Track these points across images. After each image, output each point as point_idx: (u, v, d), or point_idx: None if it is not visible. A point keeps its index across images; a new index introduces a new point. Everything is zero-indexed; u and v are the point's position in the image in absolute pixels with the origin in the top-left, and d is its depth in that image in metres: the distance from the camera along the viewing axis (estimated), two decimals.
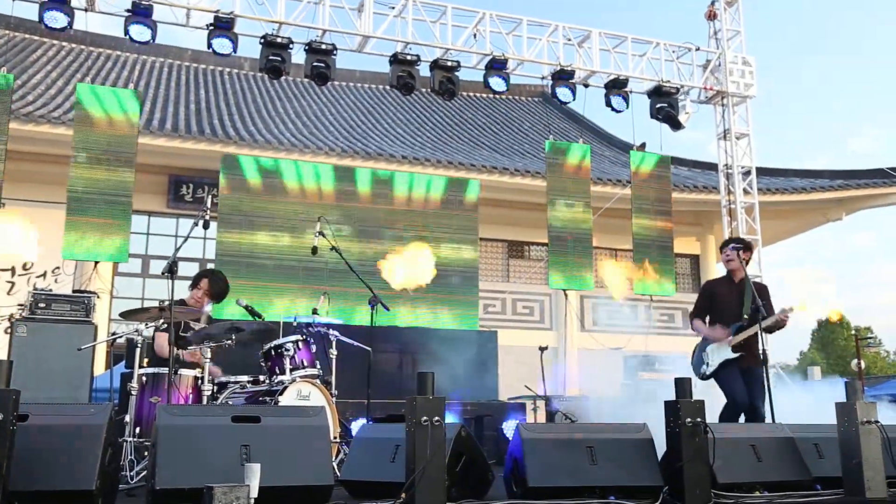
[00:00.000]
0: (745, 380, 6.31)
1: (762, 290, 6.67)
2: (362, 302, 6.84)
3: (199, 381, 5.87)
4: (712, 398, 6.35)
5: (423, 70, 10.08)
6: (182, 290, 6.78)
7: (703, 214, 16.70)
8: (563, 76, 10.64)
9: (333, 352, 6.62)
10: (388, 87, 17.86)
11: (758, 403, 6.25)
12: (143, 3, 8.78)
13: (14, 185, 13.05)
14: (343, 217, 10.62)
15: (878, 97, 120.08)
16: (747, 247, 6.75)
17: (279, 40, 9.34)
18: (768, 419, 5.76)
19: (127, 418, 5.52)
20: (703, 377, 6.42)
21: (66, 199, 8.74)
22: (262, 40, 9.34)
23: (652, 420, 4.71)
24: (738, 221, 11.77)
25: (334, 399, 6.22)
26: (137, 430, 5.52)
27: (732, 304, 6.49)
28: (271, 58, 9.33)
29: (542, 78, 11.11)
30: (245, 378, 6.31)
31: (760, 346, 6.30)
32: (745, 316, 6.40)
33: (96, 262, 9.08)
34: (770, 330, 6.39)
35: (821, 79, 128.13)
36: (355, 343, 6.78)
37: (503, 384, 10.21)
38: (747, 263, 6.62)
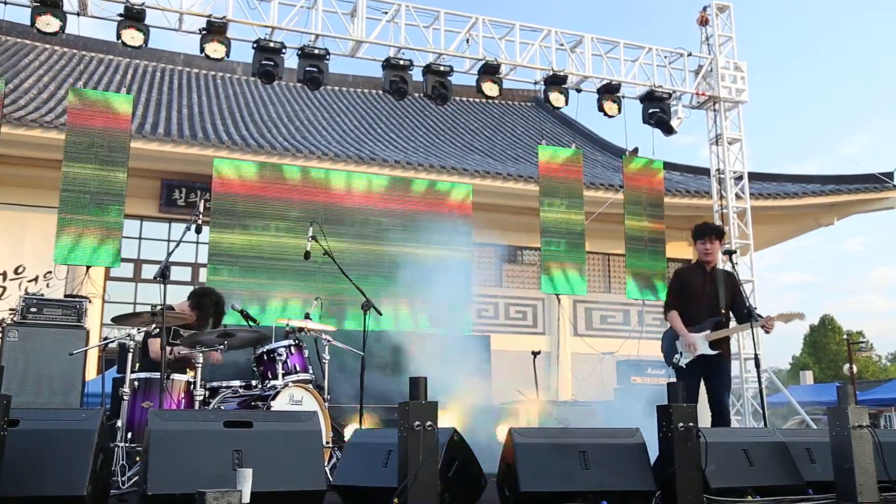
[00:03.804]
0: (714, 373, 6.34)
1: (733, 279, 6.68)
2: (355, 306, 6.83)
3: (192, 386, 5.86)
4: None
5: (416, 75, 10.10)
6: (174, 295, 6.77)
7: (696, 219, 16.61)
8: (555, 81, 10.67)
9: (326, 356, 6.62)
10: (380, 92, 17.89)
11: (724, 395, 6.35)
12: (136, 7, 8.78)
13: (5, 190, 13.09)
14: (336, 222, 10.60)
15: (870, 102, 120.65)
16: (722, 234, 6.76)
17: (272, 45, 9.35)
18: (760, 423, 5.77)
19: (119, 423, 5.51)
20: (676, 366, 6.42)
21: (57, 203, 8.72)
22: (255, 45, 9.34)
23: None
24: (731, 226, 11.82)
25: (327, 404, 6.22)
26: (129, 435, 5.51)
27: (707, 295, 6.47)
28: (264, 62, 9.34)
29: (535, 83, 11.14)
30: (237, 383, 6.30)
31: (753, 351, 6.35)
32: (723, 310, 6.44)
33: (88, 267, 9.05)
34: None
35: (812, 83, 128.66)
36: (348, 348, 6.78)
37: (496, 389, 10.20)
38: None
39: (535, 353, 9.18)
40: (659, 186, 11.60)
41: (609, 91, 10.95)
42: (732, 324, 6.58)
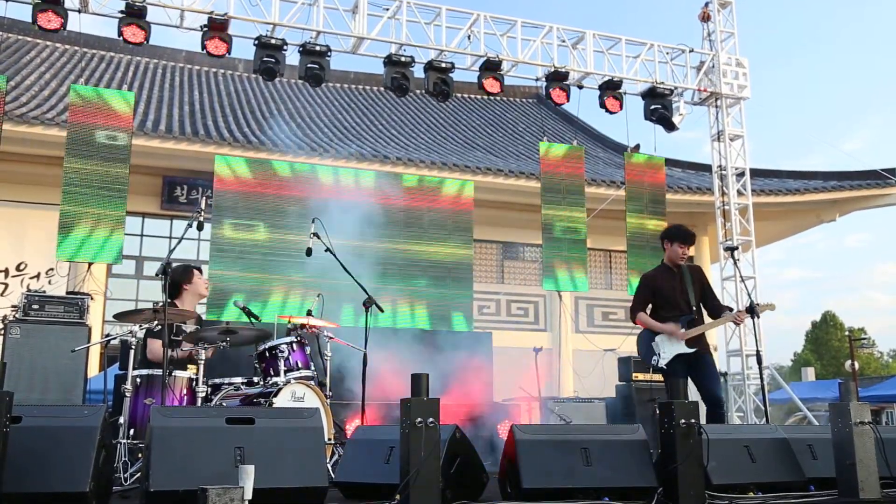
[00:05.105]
0: (698, 368, 6.38)
1: (700, 273, 6.78)
2: (357, 303, 6.83)
3: (194, 383, 5.86)
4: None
5: (418, 71, 10.10)
6: None
7: (698, 216, 16.74)
8: (557, 78, 10.65)
9: (328, 353, 6.63)
10: (382, 89, 17.89)
11: (716, 389, 6.39)
12: (137, 4, 8.77)
13: (7, 187, 13.10)
14: (337, 218, 10.57)
15: (871, 98, 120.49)
16: (693, 243, 6.82)
17: (273, 42, 9.34)
18: (762, 420, 5.78)
19: (121, 420, 5.51)
20: (656, 368, 6.50)
21: (59, 200, 8.73)
22: (256, 42, 9.34)
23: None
24: (732, 222, 11.80)
25: (329, 401, 6.22)
26: (131, 431, 5.51)
27: (678, 293, 6.53)
28: (265, 59, 9.33)
29: (537, 79, 11.13)
30: (239, 380, 6.30)
31: (755, 347, 6.37)
32: (694, 307, 6.49)
33: (90, 264, 9.06)
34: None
35: (814, 79, 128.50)
36: (350, 345, 6.77)
37: (497, 385, 10.21)
38: None
39: (536, 350, 9.18)
40: (661, 183, 11.59)
41: (611, 87, 10.94)
42: (707, 319, 6.66)
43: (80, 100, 9.05)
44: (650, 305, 6.67)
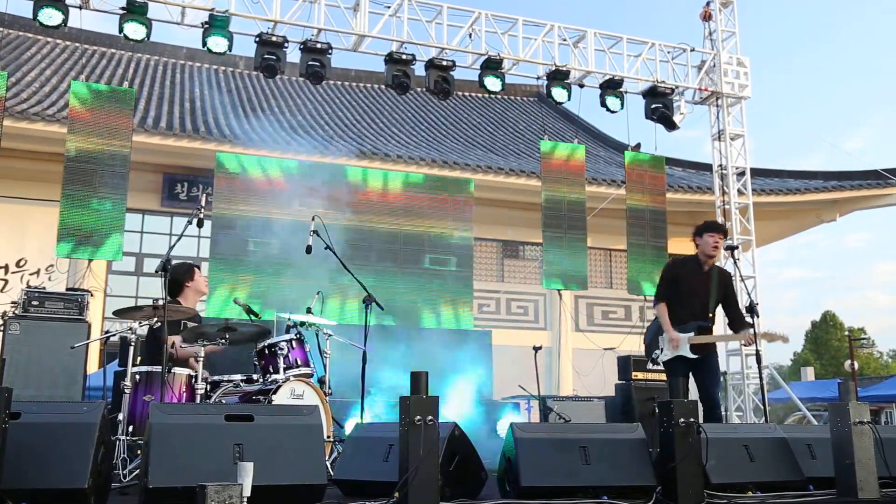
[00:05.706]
0: (700, 367, 6.35)
1: (728, 278, 6.65)
2: (357, 301, 6.83)
3: (193, 380, 5.86)
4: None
5: (419, 69, 10.09)
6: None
7: (698, 215, 16.67)
8: (558, 76, 10.65)
9: (328, 351, 6.63)
10: (383, 87, 17.86)
11: (713, 391, 6.37)
12: (138, 0, 8.76)
13: (8, 183, 13.10)
14: (337, 216, 10.59)
15: (872, 97, 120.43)
16: (726, 234, 6.75)
17: (274, 39, 9.34)
18: (761, 419, 5.78)
19: (120, 416, 5.50)
20: (654, 361, 6.55)
21: (59, 196, 8.72)
22: (258, 39, 9.33)
23: None
24: (733, 222, 11.79)
25: (328, 398, 6.22)
26: (130, 428, 5.50)
27: (699, 293, 6.44)
28: (266, 56, 9.33)
29: (538, 78, 11.12)
30: (239, 377, 6.30)
31: (754, 347, 6.37)
32: (711, 314, 6.41)
33: (90, 260, 9.05)
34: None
35: (814, 78, 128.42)
36: (349, 342, 6.77)
37: (497, 384, 10.21)
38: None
39: (536, 349, 9.17)
40: (661, 182, 11.57)
41: (611, 86, 10.93)
42: (717, 329, 6.61)
43: (81, 96, 9.05)
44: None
